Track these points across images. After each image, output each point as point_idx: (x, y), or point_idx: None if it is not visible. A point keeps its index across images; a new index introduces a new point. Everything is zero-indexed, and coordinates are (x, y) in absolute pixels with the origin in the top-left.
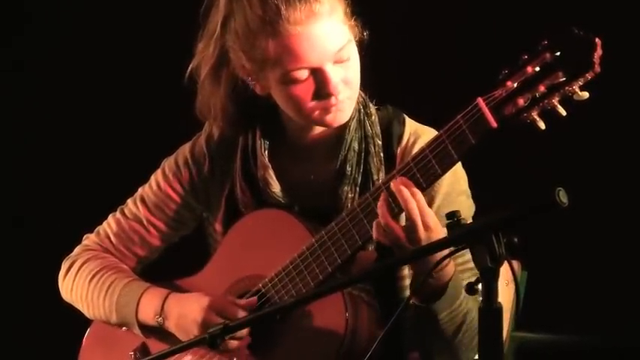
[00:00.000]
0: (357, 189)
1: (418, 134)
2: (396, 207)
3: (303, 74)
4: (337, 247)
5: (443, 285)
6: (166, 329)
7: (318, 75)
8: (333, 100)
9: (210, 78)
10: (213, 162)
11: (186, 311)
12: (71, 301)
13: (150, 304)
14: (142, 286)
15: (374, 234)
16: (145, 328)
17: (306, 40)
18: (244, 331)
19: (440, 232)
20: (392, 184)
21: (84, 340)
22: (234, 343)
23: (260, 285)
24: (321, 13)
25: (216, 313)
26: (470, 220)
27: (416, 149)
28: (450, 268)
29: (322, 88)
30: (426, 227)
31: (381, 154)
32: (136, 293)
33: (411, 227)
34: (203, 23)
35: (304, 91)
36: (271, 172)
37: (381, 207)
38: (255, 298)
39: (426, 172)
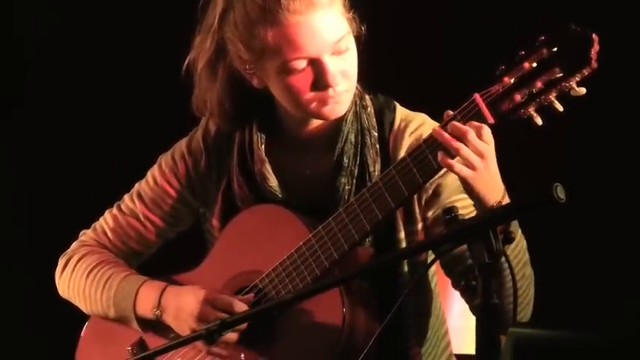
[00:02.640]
0: (354, 181)
1: (409, 119)
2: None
3: (302, 64)
4: (334, 242)
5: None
6: (164, 322)
7: (317, 65)
8: (330, 91)
9: (206, 72)
10: (209, 157)
11: (183, 304)
12: (68, 297)
13: (147, 297)
14: (139, 280)
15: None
16: (143, 322)
17: (305, 30)
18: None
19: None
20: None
21: (81, 335)
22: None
23: (257, 280)
24: (320, 4)
25: (213, 306)
26: (473, 213)
27: (407, 133)
28: (506, 197)
29: (320, 79)
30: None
31: (377, 146)
32: (133, 287)
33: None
34: (201, 18)
35: (302, 81)
36: (268, 167)
37: (449, 140)
38: (252, 294)
39: (422, 166)
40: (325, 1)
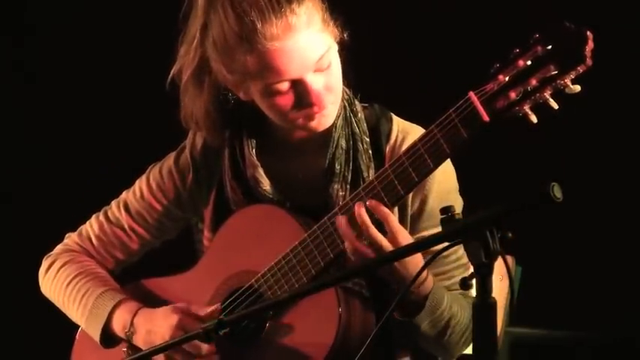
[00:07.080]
0: (348, 187)
1: (406, 132)
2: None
3: (284, 86)
4: (330, 241)
5: (422, 299)
6: (135, 344)
7: (300, 85)
8: (315, 108)
9: (192, 84)
10: (197, 172)
11: (154, 328)
12: (50, 299)
13: (120, 318)
14: (113, 300)
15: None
16: (110, 342)
17: (284, 55)
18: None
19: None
20: (355, 208)
21: (76, 336)
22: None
23: (253, 280)
24: (298, 26)
25: (183, 330)
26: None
27: (404, 147)
28: (429, 282)
29: (304, 98)
30: (396, 244)
31: (370, 152)
32: (107, 307)
33: (377, 247)
34: (183, 26)
35: (286, 101)
36: (260, 171)
37: (345, 230)
38: (219, 305)
39: (418, 165)
40: (303, 23)
